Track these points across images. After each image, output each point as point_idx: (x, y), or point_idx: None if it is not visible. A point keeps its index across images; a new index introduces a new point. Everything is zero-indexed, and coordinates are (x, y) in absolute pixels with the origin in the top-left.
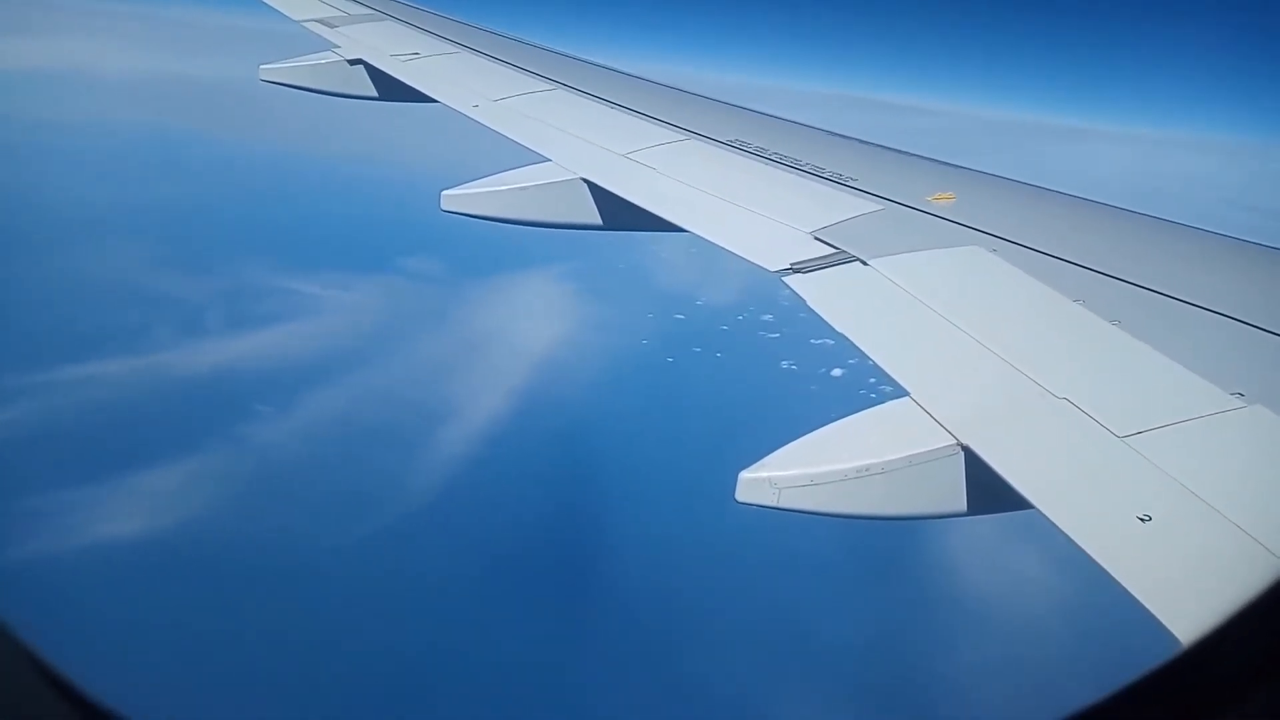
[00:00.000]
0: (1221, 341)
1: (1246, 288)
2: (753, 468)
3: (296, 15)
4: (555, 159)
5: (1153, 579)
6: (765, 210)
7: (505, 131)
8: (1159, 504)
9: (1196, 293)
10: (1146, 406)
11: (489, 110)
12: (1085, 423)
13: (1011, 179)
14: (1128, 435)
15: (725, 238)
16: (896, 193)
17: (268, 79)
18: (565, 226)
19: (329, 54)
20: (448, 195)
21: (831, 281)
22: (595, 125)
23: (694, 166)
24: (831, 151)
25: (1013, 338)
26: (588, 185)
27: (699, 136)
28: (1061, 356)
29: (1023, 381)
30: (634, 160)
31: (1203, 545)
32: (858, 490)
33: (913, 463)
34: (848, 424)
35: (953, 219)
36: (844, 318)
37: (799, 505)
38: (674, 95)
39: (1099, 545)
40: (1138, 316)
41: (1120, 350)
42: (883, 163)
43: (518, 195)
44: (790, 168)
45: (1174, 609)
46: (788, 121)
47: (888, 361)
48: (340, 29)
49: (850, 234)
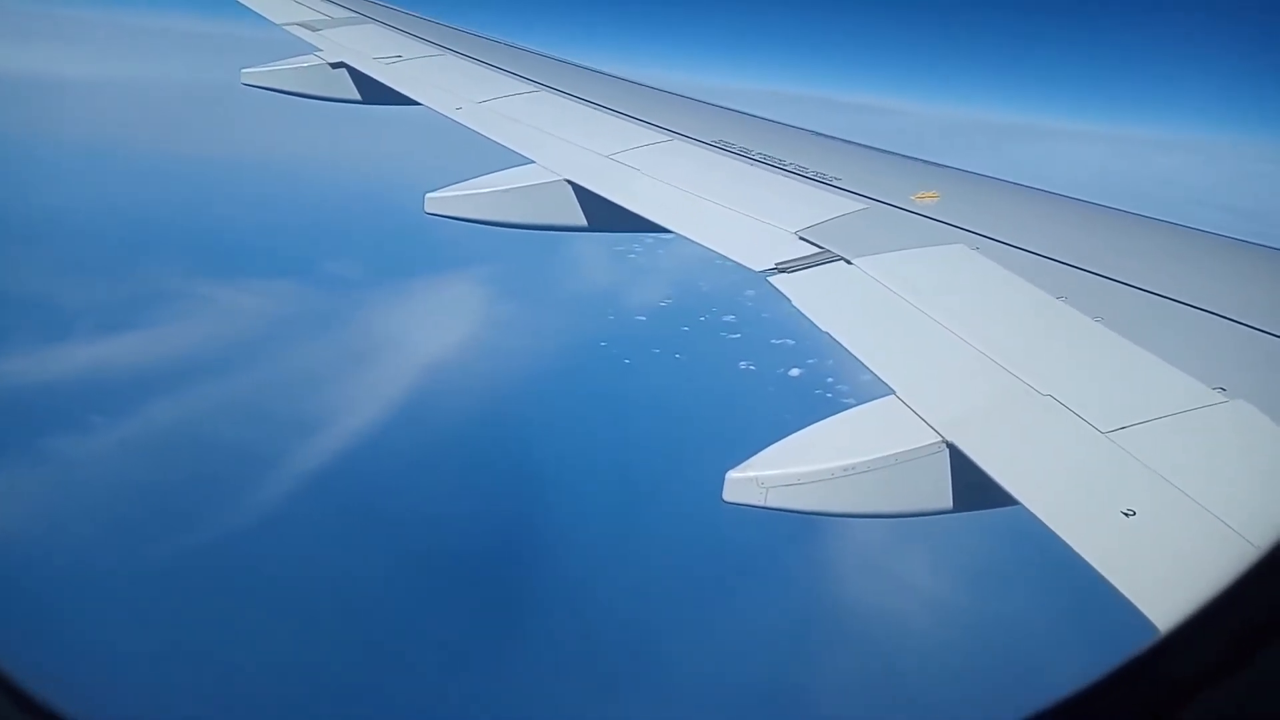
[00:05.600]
0: (1203, 337)
1: (1229, 284)
2: (740, 467)
3: (278, 19)
4: (539, 161)
5: (1137, 573)
6: (749, 210)
7: (489, 134)
8: (1143, 499)
9: (1179, 289)
10: (1130, 402)
11: (472, 112)
12: (1069, 419)
13: (995, 178)
14: (1111, 431)
15: (710, 238)
16: (880, 192)
17: (250, 83)
18: (549, 228)
19: (311, 57)
20: (432, 198)
21: (816, 281)
22: (579, 127)
23: (678, 167)
24: (815, 151)
25: (997, 335)
26: (572, 187)
27: (683, 137)
28: (1045, 353)
29: (1007, 379)
30: (618, 161)
31: (1187, 539)
32: (844, 489)
33: (899, 461)
34: (834, 423)
35: (936, 218)
36: (829, 317)
37: (786, 504)
38: (658, 96)
39: (1084, 540)
40: (1120, 313)
41: (1103, 346)
42: (866, 162)
43: (502, 197)
44: (774, 168)
45: (1158, 603)
46: (771, 122)
47: (872, 360)
48: (322, 32)
49: (835, 233)
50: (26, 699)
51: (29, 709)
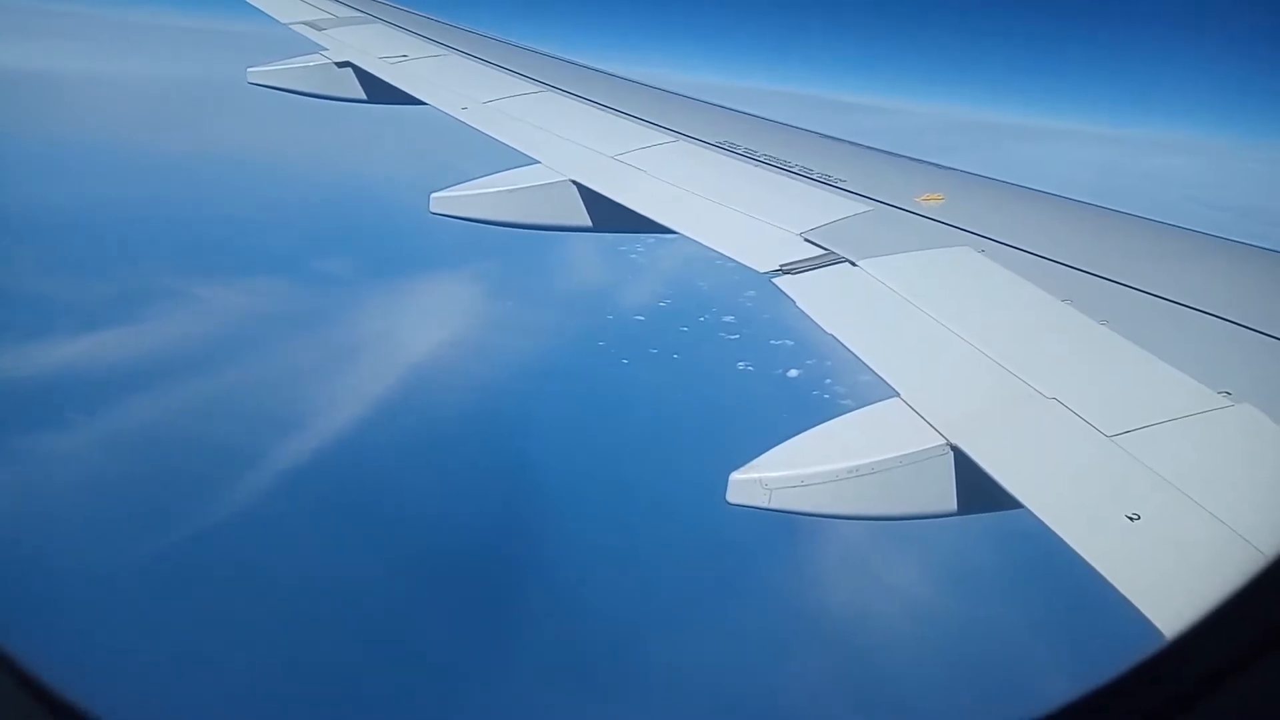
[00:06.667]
0: (1209, 340)
1: (1235, 287)
2: (743, 469)
3: (284, 18)
4: (544, 161)
5: (1142, 578)
6: (754, 211)
7: (494, 134)
8: (1148, 503)
9: (1184, 292)
10: (1135, 406)
11: (478, 112)
12: (1074, 422)
13: (1000, 180)
14: (1116, 434)
15: (714, 239)
16: (885, 194)
17: (256, 82)
18: (554, 229)
19: (317, 56)
20: (437, 198)
21: (821, 282)
22: (584, 127)
23: (683, 168)
24: (820, 153)
25: (1002, 338)
26: (577, 187)
27: (688, 138)
28: (1050, 356)
29: (1012, 381)
30: (623, 162)
31: (1191, 544)
32: (848, 491)
33: (903, 463)
34: (838, 424)
35: (941, 220)
36: (833, 319)
37: (790, 506)
38: (663, 97)
39: (1088, 544)
40: (1126, 316)
41: (1109, 350)
42: (871, 164)
43: (507, 198)
44: (779, 169)
45: (1163, 608)
46: (776, 123)
47: (877, 362)
48: (328, 31)
49: (839, 235)
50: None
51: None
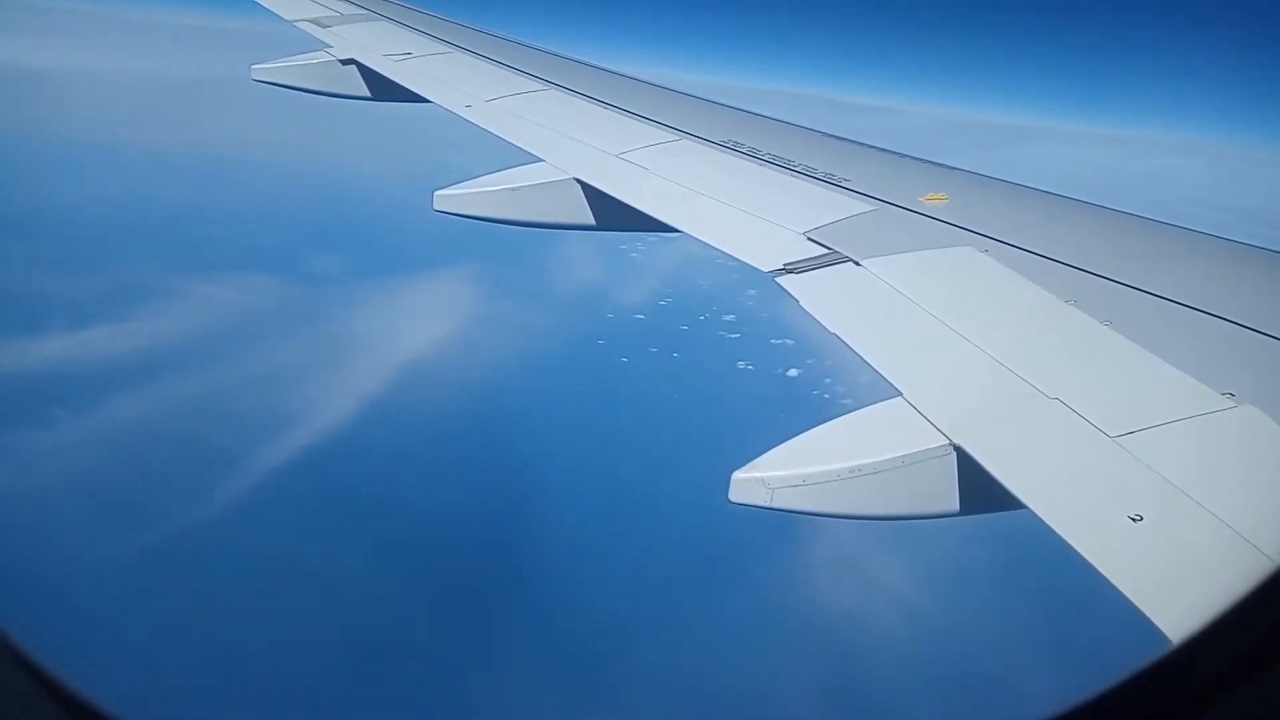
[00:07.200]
0: (1212, 342)
1: (1239, 289)
2: (745, 468)
3: (289, 15)
4: (548, 159)
5: (1144, 579)
6: (758, 210)
7: (498, 131)
8: (1151, 504)
9: (1188, 293)
10: (1138, 407)
11: (482, 110)
12: (1077, 423)
13: (1003, 180)
14: (1119, 435)
15: (718, 238)
16: (889, 193)
17: (260, 78)
18: (558, 227)
19: (321, 54)
20: (440, 195)
21: (824, 282)
22: (588, 125)
23: (687, 167)
24: (824, 152)
25: (1005, 338)
26: (580, 185)
27: (692, 137)
28: (1053, 357)
29: (1015, 382)
30: (627, 160)
31: (1194, 545)
32: (850, 491)
33: (905, 463)
34: (840, 424)
35: (945, 219)
36: (836, 318)
37: (792, 505)
38: (667, 95)
39: (1091, 545)
40: (1130, 317)
41: (1112, 351)
42: (875, 163)
43: (510, 195)
44: (783, 168)
45: (1165, 609)
46: (780, 122)
47: (880, 361)
48: (333, 29)
49: (843, 234)
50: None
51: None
